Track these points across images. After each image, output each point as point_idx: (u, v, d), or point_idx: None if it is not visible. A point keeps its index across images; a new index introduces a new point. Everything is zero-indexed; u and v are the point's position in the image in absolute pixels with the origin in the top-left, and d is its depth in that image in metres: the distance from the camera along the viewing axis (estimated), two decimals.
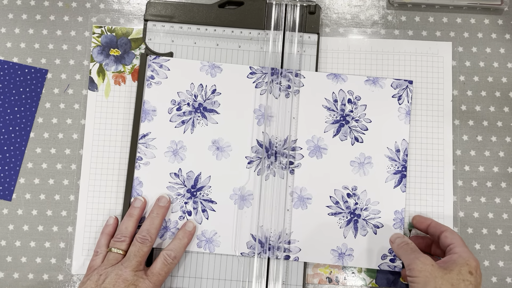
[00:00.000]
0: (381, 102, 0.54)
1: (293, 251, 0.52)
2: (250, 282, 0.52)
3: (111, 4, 0.58)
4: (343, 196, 0.53)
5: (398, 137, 0.54)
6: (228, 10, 0.56)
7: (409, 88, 0.54)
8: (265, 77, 0.54)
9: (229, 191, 0.53)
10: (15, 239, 0.54)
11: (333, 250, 0.52)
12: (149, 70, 0.54)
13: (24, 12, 0.57)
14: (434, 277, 0.43)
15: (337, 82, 0.54)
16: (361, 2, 0.58)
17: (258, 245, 0.52)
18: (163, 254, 0.49)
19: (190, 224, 0.52)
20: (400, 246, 0.48)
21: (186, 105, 0.54)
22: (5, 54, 0.56)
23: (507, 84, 0.57)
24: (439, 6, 0.58)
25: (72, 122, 0.55)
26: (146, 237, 0.49)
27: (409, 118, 0.54)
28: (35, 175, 0.55)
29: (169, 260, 0.49)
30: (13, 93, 0.55)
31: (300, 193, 0.53)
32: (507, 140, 0.56)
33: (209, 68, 0.55)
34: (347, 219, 0.52)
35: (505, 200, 0.55)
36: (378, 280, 0.53)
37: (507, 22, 0.58)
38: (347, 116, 0.54)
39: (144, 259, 0.48)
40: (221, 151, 0.53)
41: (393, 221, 0.52)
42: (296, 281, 0.52)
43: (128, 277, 0.46)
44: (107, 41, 0.56)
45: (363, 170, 0.53)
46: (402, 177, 0.53)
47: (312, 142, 0.54)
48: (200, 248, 0.52)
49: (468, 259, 0.44)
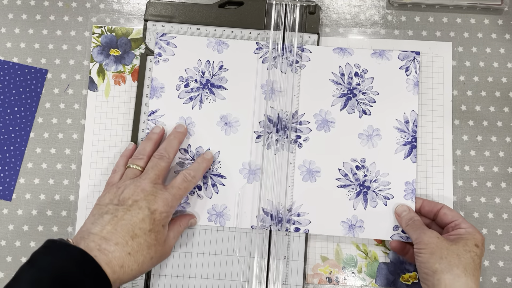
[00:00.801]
0: (388, 74, 0.54)
1: (302, 223, 0.52)
2: (250, 282, 0.52)
3: (111, 4, 0.58)
4: (352, 169, 0.53)
5: (406, 108, 0.54)
6: (228, 10, 0.56)
7: (416, 59, 0.55)
8: (272, 52, 0.55)
9: (238, 165, 0.53)
10: (15, 239, 0.54)
11: (343, 222, 0.52)
12: (156, 47, 0.55)
13: (24, 12, 0.57)
14: (440, 248, 0.44)
15: (343, 56, 0.55)
16: (361, 2, 0.58)
17: (268, 218, 0.52)
18: (183, 172, 0.49)
19: (208, 153, 0.52)
20: (407, 224, 0.49)
21: (193, 82, 0.54)
22: (5, 54, 0.56)
23: (507, 84, 0.57)
24: (439, 6, 0.58)
25: (72, 122, 0.55)
26: (163, 154, 0.49)
27: (417, 89, 0.54)
28: (35, 175, 0.55)
29: (188, 178, 0.49)
30: (13, 93, 0.55)
31: (308, 167, 0.53)
32: (507, 140, 0.56)
33: (215, 44, 0.55)
34: (356, 191, 0.53)
35: (505, 200, 0.55)
36: (378, 280, 0.53)
37: (507, 22, 0.58)
38: (354, 89, 0.54)
39: (162, 174, 0.48)
40: (230, 127, 0.54)
41: (404, 192, 0.52)
42: (296, 281, 0.52)
43: (146, 187, 0.46)
44: (107, 41, 0.56)
45: (372, 142, 0.53)
46: (412, 148, 0.53)
47: (319, 116, 0.54)
48: (210, 222, 0.52)
49: (475, 234, 0.46)
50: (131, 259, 0.43)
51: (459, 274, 0.43)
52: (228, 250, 0.53)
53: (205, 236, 0.53)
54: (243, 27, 0.56)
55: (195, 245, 0.53)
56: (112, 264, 0.41)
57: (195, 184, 0.50)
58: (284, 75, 0.54)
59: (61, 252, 0.40)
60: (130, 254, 0.43)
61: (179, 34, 0.55)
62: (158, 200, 0.45)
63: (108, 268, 0.41)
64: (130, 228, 0.43)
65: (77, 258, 0.40)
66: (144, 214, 0.44)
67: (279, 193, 0.52)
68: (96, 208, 0.46)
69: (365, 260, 0.53)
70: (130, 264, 0.43)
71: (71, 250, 0.40)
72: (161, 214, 0.45)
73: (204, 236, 0.53)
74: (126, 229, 0.43)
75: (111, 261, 0.41)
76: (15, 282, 0.39)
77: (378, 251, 0.53)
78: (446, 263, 0.43)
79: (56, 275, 0.38)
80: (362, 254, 0.53)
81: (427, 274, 0.44)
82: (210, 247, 0.53)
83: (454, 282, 0.43)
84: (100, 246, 0.42)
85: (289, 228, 0.52)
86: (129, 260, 0.43)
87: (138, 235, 0.43)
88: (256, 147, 0.53)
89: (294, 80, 0.54)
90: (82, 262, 0.40)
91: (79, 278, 0.39)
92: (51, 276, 0.38)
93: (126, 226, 0.43)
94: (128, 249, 0.43)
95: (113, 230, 0.43)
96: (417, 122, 0.54)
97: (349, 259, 0.53)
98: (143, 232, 0.44)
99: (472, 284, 0.43)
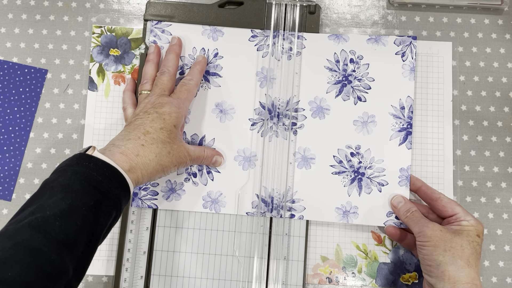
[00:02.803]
0: (384, 60, 0.54)
1: (297, 210, 0.52)
2: (250, 282, 0.52)
3: (111, 4, 0.58)
4: (347, 155, 0.53)
5: (402, 95, 0.54)
6: (228, 10, 0.56)
7: (412, 44, 0.54)
8: (267, 39, 0.55)
9: (233, 152, 0.53)
10: None
11: (338, 209, 0.52)
12: (151, 35, 0.55)
13: (24, 12, 0.57)
14: (443, 241, 0.45)
15: (338, 43, 0.54)
16: (361, 2, 0.58)
17: (263, 204, 0.52)
18: (182, 80, 0.52)
19: (199, 56, 0.54)
20: (406, 216, 0.49)
21: (189, 69, 0.54)
22: (5, 54, 0.56)
23: (507, 84, 0.56)
24: (439, 6, 0.58)
25: (72, 122, 0.55)
26: (163, 69, 0.51)
27: (413, 74, 0.54)
28: (35, 175, 0.55)
29: (186, 81, 0.51)
30: (13, 93, 0.55)
31: (303, 153, 0.53)
32: (507, 140, 0.55)
33: (210, 32, 0.55)
34: (351, 177, 0.53)
35: (505, 200, 0.55)
36: (378, 280, 0.53)
37: (507, 22, 0.58)
38: (349, 76, 0.54)
39: (167, 87, 0.50)
40: (225, 114, 0.54)
41: (399, 178, 0.52)
42: (296, 281, 0.52)
43: (152, 100, 0.48)
44: (107, 41, 0.56)
45: (367, 129, 0.53)
46: (407, 134, 0.53)
47: (314, 103, 0.54)
48: (206, 208, 0.52)
49: (477, 225, 0.47)
50: (146, 149, 0.44)
51: (462, 266, 0.44)
52: (228, 250, 0.53)
53: (205, 236, 0.53)
54: (243, 27, 0.56)
55: (195, 245, 0.53)
56: (127, 153, 0.43)
57: (196, 86, 0.52)
58: (279, 63, 0.54)
59: (83, 161, 0.41)
60: (143, 146, 0.44)
61: (174, 23, 0.55)
62: (165, 104, 0.48)
63: (123, 156, 0.43)
64: (141, 127, 0.46)
65: (98, 164, 0.41)
66: (153, 116, 0.46)
67: (274, 180, 0.53)
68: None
69: (365, 260, 0.53)
70: (146, 154, 0.44)
71: (92, 160, 0.41)
72: (170, 114, 0.47)
73: (204, 236, 0.53)
74: (137, 128, 0.46)
75: (125, 151, 0.43)
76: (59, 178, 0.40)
77: (378, 251, 0.53)
78: (450, 255, 0.44)
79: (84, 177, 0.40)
80: (362, 254, 0.53)
81: (430, 267, 0.45)
82: (210, 247, 0.53)
83: (458, 274, 0.43)
84: (114, 143, 0.44)
85: (283, 215, 0.52)
86: (144, 150, 0.44)
87: (149, 132, 0.45)
88: (251, 135, 0.54)
89: (289, 67, 0.54)
90: (102, 167, 0.41)
91: (101, 182, 0.40)
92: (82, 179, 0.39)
93: (137, 126, 0.46)
94: (141, 142, 0.44)
95: (125, 132, 0.46)
96: (413, 109, 0.53)
97: (349, 259, 0.53)
98: (154, 129, 0.46)
99: (474, 275, 0.44)
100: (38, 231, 0.35)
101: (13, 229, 0.35)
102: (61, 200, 0.37)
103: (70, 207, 0.37)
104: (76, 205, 0.38)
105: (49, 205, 0.37)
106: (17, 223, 0.36)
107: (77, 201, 0.38)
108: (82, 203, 0.38)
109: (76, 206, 0.38)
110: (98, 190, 0.39)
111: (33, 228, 0.35)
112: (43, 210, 0.37)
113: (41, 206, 0.37)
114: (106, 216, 0.40)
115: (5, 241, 0.35)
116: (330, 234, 0.54)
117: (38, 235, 0.35)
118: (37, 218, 0.36)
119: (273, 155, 0.53)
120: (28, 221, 0.36)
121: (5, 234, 0.35)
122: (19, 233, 0.35)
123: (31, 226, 0.35)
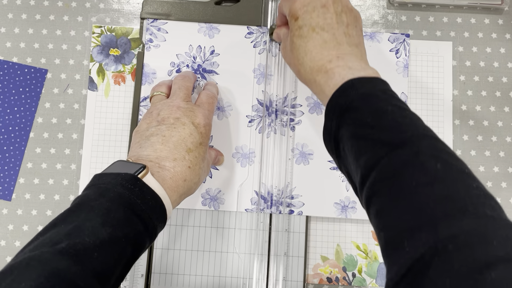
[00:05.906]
0: (378, 57, 0.54)
1: (296, 205, 0.52)
2: (251, 279, 0.52)
3: (111, 4, 0.58)
4: None
5: (397, 91, 0.53)
6: (225, 7, 0.56)
7: (406, 42, 0.55)
8: (263, 36, 0.55)
9: (232, 150, 0.53)
10: (15, 239, 0.54)
11: (336, 204, 0.52)
12: (147, 33, 0.55)
13: (23, 12, 0.57)
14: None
15: None
16: (361, 2, 0.58)
17: (262, 201, 0.52)
18: (203, 92, 0.49)
19: (209, 83, 0.53)
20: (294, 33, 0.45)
21: (185, 67, 0.54)
22: (4, 54, 0.56)
23: (508, 84, 0.56)
24: (439, 5, 0.58)
25: (72, 122, 0.55)
26: (185, 75, 0.49)
27: (407, 71, 0.54)
28: (35, 175, 0.55)
29: (210, 94, 0.49)
30: (12, 93, 0.55)
31: (301, 149, 0.53)
32: (507, 140, 0.55)
33: (207, 29, 0.55)
34: None
35: (505, 200, 0.55)
36: (378, 280, 0.53)
37: (507, 22, 0.58)
38: None
39: (189, 94, 0.47)
40: (222, 111, 0.54)
41: None
42: (296, 277, 0.52)
43: (181, 105, 0.45)
44: (107, 41, 0.56)
45: None
46: None
47: (311, 99, 0.54)
48: (205, 206, 0.53)
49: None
50: (192, 173, 0.43)
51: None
52: (229, 247, 0.53)
53: (205, 233, 0.53)
54: (240, 24, 0.55)
55: (196, 242, 0.53)
56: (176, 179, 0.41)
57: (216, 100, 0.50)
58: (276, 59, 0.54)
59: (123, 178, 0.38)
60: (190, 168, 0.43)
61: (170, 21, 0.55)
62: (197, 114, 0.45)
63: (173, 182, 0.41)
64: (183, 144, 0.43)
65: (143, 191, 0.38)
66: (190, 128, 0.44)
67: (273, 176, 0.53)
68: (137, 136, 0.45)
69: (365, 260, 0.53)
70: (191, 178, 0.43)
71: (137, 184, 0.38)
72: (205, 127, 0.45)
73: (204, 233, 0.53)
74: (179, 145, 0.43)
75: (174, 176, 0.41)
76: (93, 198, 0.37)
77: (378, 251, 0.53)
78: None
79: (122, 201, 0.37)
80: (362, 254, 0.53)
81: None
82: (211, 245, 0.53)
83: None
84: (159, 163, 0.41)
85: (282, 211, 0.52)
86: (190, 173, 0.43)
87: (191, 150, 0.43)
88: (249, 131, 0.54)
89: (286, 63, 0.54)
90: (147, 195, 0.38)
91: (139, 206, 0.38)
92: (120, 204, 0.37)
93: (178, 142, 0.43)
94: (187, 163, 0.43)
95: (166, 148, 0.42)
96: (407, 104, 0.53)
97: (349, 259, 0.53)
98: (195, 146, 0.44)
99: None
100: (75, 261, 0.33)
101: (49, 255, 0.33)
102: (101, 227, 0.35)
103: (110, 237, 0.35)
104: (116, 236, 0.35)
105: (88, 230, 0.34)
106: (53, 246, 0.33)
107: (118, 231, 0.35)
108: (122, 234, 0.36)
109: (116, 236, 0.35)
110: (141, 220, 0.37)
111: (71, 258, 0.33)
112: (81, 234, 0.34)
113: (78, 228, 0.35)
114: (141, 248, 0.38)
115: (41, 269, 0.32)
116: (330, 234, 0.54)
117: (76, 267, 0.33)
118: (75, 245, 0.33)
119: (272, 151, 0.53)
120: (66, 246, 0.33)
121: (40, 259, 0.32)
122: (55, 261, 0.32)
123: (69, 254, 0.33)
